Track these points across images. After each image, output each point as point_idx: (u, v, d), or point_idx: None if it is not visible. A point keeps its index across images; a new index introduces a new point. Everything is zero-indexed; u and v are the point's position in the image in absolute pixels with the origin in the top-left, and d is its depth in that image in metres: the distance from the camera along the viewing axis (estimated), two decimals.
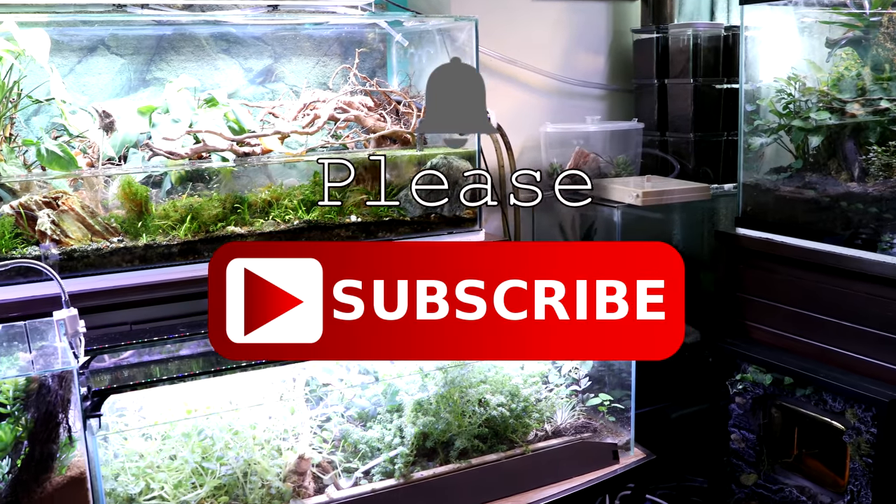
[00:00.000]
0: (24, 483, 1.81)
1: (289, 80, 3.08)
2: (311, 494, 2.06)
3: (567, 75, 3.55)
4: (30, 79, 2.56)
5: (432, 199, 2.78)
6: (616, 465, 2.43)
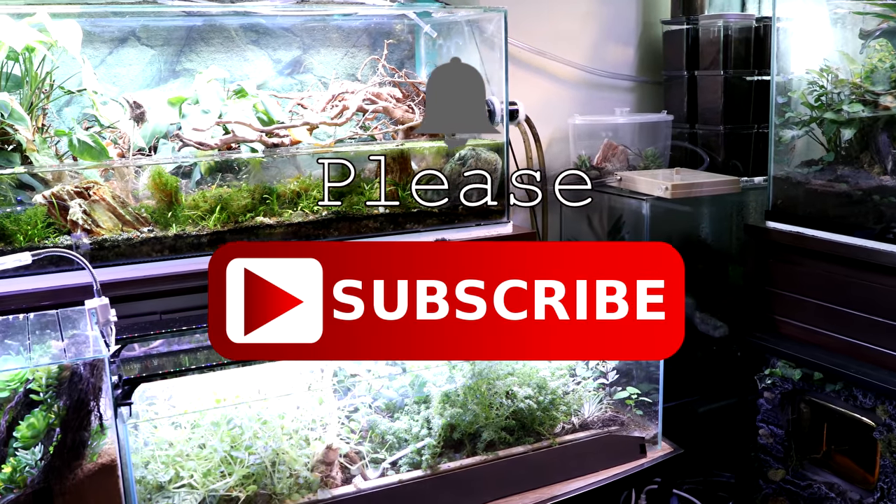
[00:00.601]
0: (56, 469, 1.83)
1: (317, 71, 3.09)
2: (338, 484, 2.06)
3: (596, 67, 3.53)
4: (62, 70, 2.58)
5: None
6: (643, 458, 2.42)
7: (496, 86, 2.89)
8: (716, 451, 3.30)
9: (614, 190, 3.24)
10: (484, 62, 2.96)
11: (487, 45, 2.94)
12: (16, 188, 2.41)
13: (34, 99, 2.51)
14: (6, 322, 2.08)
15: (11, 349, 1.91)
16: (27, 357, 1.87)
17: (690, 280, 3.23)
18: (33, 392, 1.82)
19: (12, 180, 2.39)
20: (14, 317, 2.12)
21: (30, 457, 1.83)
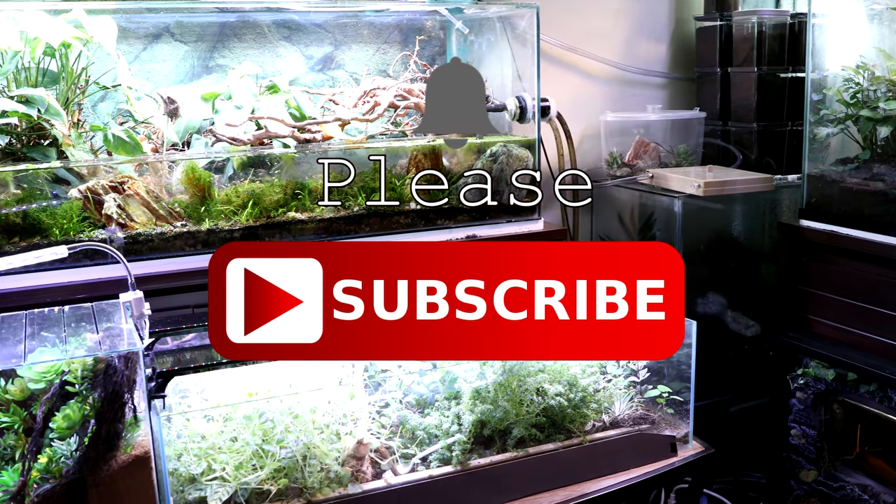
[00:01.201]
0: (91, 460, 1.85)
1: (349, 67, 3.10)
2: (368, 479, 2.07)
3: (628, 63, 3.52)
4: (97, 66, 2.61)
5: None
6: (674, 457, 2.40)
7: (528, 82, 2.88)
8: (746, 451, 3.27)
9: (646, 187, 3.22)
10: (515, 59, 2.96)
11: (519, 41, 2.93)
12: (52, 182, 2.43)
13: (70, 94, 2.54)
14: (42, 314, 2.10)
15: (48, 341, 1.93)
16: (63, 349, 1.89)
17: (722, 279, 3.23)
18: (69, 384, 1.84)
19: (48, 175, 2.42)
20: (49, 309, 2.14)
21: (65, 447, 1.85)
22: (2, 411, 1.82)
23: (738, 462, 3.32)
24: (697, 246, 3.18)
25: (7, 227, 2.32)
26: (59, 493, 1.84)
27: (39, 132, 2.44)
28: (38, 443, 1.83)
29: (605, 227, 3.46)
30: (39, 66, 2.50)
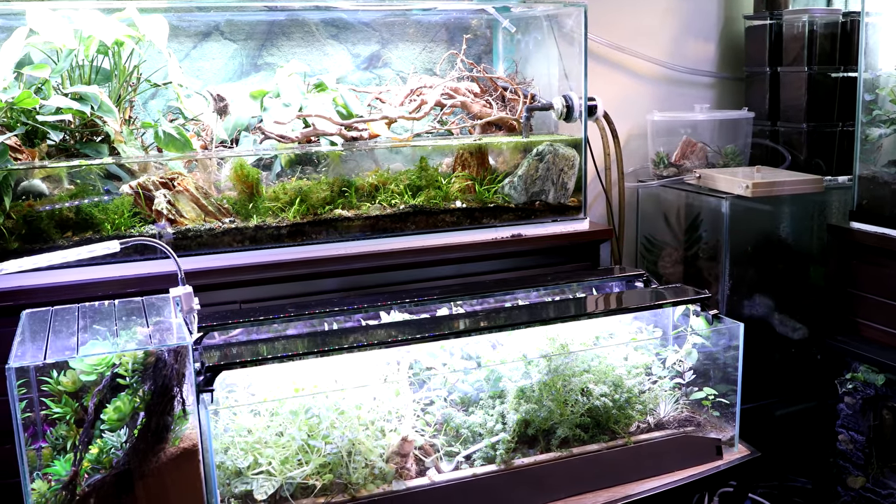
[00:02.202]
0: (140, 452, 1.88)
1: (395, 65, 3.10)
2: (412, 476, 2.07)
3: (676, 63, 3.49)
4: (148, 63, 2.64)
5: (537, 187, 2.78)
6: (719, 460, 2.38)
7: (575, 81, 2.87)
8: (792, 456, 3.23)
9: (692, 188, 3.19)
10: (562, 57, 2.95)
11: (566, 40, 2.92)
12: (104, 178, 2.47)
13: (122, 92, 2.58)
14: (93, 308, 2.13)
15: (99, 334, 1.96)
16: (114, 342, 1.92)
17: (769, 281, 3.20)
18: (120, 376, 1.86)
19: (101, 170, 2.46)
20: (100, 303, 2.18)
21: (115, 439, 1.88)
22: (54, 402, 1.85)
23: (783, 467, 3.28)
24: (745, 247, 3.14)
25: (60, 221, 2.36)
26: (108, 484, 1.86)
27: (92, 129, 2.48)
28: (89, 434, 1.86)
29: (650, 227, 3.43)
30: (93, 64, 2.54)
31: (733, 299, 3.14)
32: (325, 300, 2.47)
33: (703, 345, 2.43)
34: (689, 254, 3.30)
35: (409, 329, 2.18)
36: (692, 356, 2.44)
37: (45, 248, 2.29)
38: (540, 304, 2.52)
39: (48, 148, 2.44)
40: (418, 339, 2.12)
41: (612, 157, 3.27)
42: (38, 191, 2.38)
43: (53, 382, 1.84)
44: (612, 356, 2.37)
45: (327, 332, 2.29)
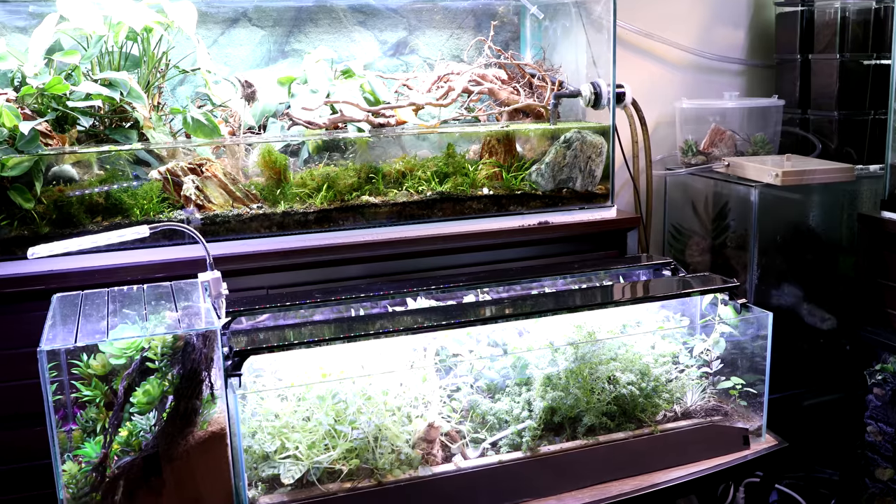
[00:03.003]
0: (169, 435, 1.89)
1: (423, 52, 3.10)
2: (438, 462, 2.08)
3: (705, 50, 3.45)
4: (177, 49, 2.65)
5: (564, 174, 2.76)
6: (746, 450, 2.36)
7: (603, 68, 2.85)
8: (820, 447, 3.21)
9: (721, 176, 3.17)
10: (590, 44, 2.92)
11: (594, 26, 2.90)
12: (133, 164, 2.49)
13: (151, 78, 2.59)
14: (122, 292, 2.15)
15: (129, 318, 1.97)
16: (143, 326, 1.93)
17: (798, 270, 3.17)
18: (149, 360, 1.88)
19: (130, 156, 2.47)
20: (129, 287, 2.19)
21: (144, 422, 1.89)
22: (84, 385, 1.87)
23: (810, 458, 3.26)
24: (773, 236, 3.11)
25: (90, 206, 2.38)
26: (138, 466, 1.88)
27: (121, 115, 2.49)
28: (118, 417, 1.87)
29: (678, 215, 3.41)
30: (122, 50, 2.55)
31: (761, 289, 3.11)
32: (352, 286, 2.48)
33: (730, 334, 2.42)
34: (716, 243, 3.27)
35: (435, 315, 2.18)
36: (720, 345, 2.42)
37: (76, 233, 2.31)
38: (567, 291, 2.51)
39: (78, 134, 2.46)
40: (445, 325, 2.12)
41: (640, 145, 3.25)
42: (68, 176, 2.40)
43: (83, 366, 1.86)
44: (639, 344, 2.36)
45: (354, 318, 2.30)
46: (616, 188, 2.95)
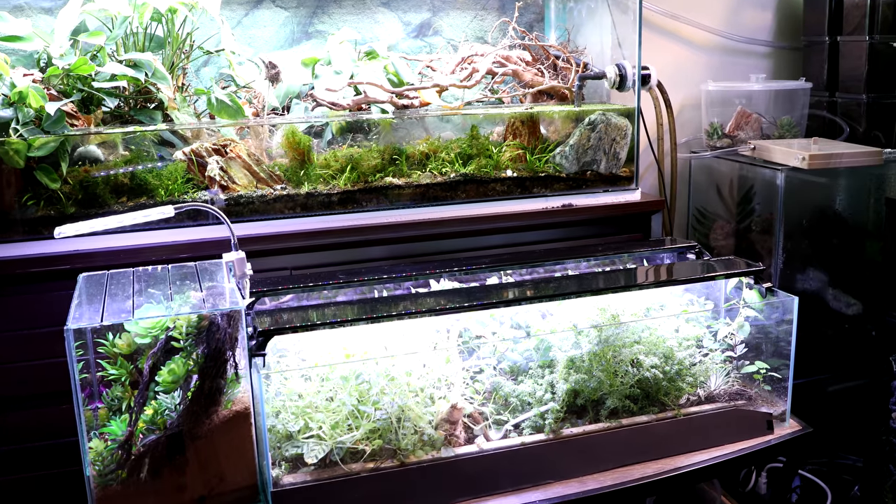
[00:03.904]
0: (193, 414, 1.91)
1: (446, 34, 3.09)
2: (461, 443, 2.08)
3: (731, 31, 3.42)
4: (201, 31, 2.65)
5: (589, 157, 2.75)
6: (770, 435, 2.35)
7: (628, 50, 2.83)
8: (844, 433, 3.19)
9: (746, 159, 3.14)
10: (616, 25, 2.90)
11: (619, 7, 2.87)
12: (157, 144, 2.50)
13: (175, 59, 2.59)
14: (147, 272, 2.16)
15: (154, 298, 1.98)
16: (168, 306, 1.94)
17: (824, 255, 3.14)
18: (174, 339, 1.89)
19: (154, 137, 2.48)
20: (154, 267, 2.21)
21: (169, 401, 1.91)
22: (110, 364, 1.88)
23: (834, 443, 3.24)
24: (799, 220, 3.09)
25: (115, 187, 2.40)
26: (163, 444, 1.90)
27: (146, 96, 2.50)
28: (144, 395, 1.89)
29: (702, 198, 3.38)
30: (147, 31, 2.56)
31: (786, 273, 3.09)
32: (375, 268, 2.48)
33: (755, 318, 2.40)
34: (741, 226, 3.25)
35: (458, 297, 2.18)
36: (744, 329, 2.41)
37: (101, 213, 2.32)
38: (590, 274, 2.50)
39: (103, 114, 2.47)
40: (468, 307, 2.11)
41: (665, 128, 3.23)
42: (93, 157, 2.41)
43: (109, 345, 1.87)
44: (663, 328, 2.35)
45: (377, 300, 2.30)
46: (640, 171, 2.94)
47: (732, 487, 3.04)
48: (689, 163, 3.39)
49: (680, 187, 3.33)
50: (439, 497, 2.02)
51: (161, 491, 1.91)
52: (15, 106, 2.27)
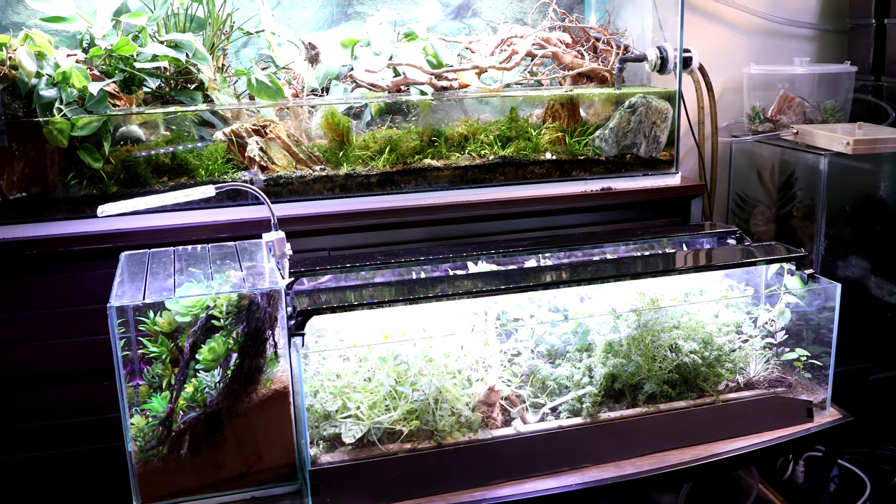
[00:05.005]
0: (233, 392, 1.92)
1: (485, 15, 3.07)
2: (498, 426, 2.08)
3: (774, 14, 3.36)
4: (241, 12, 2.66)
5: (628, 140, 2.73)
6: (810, 423, 2.32)
7: (670, 32, 2.79)
8: (884, 423, 3.14)
9: (789, 144, 3.09)
10: (657, 7, 2.87)
11: None
12: (198, 125, 2.51)
13: (216, 40, 2.60)
14: (188, 252, 2.18)
15: (194, 277, 2.00)
16: (208, 285, 1.96)
17: (867, 242, 3.09)
18: (214, 318, 1.90)
19: (195, 117, 2.49)
20: (194, 247, 2.22)
21: (210, 379, 1.93)
22: (150, 342, 1.90)
23: (873, 433, 3.19)
24: (842, 207, 3.04)
25: (157, 166, 2.41)
26: (203, 422, 1.92)
27: (187, 76, 2.51)
28: (184, 373, 1.91)
29: (743, 183, 3.34)
30: (187, 12, 2.57)
31: (828, 260, 3.05)
32: (413, 249, 2.48)
33: (796, 304, 2.37)
34: (782, 212, 3.20)
35: (496, 280, 2.17)
36: (785, 316, 2.38)
37: (142, 193, 2.34)
38: (629, 258, 2.48)
39: (144, 95, 2.48)
40: (506, 289, 2.11)
41: (706, 111, 3.19)
42: (135, 136, 2.43)
43: (150, 323, 1.89)
44: (702, 313, 2.33)
45: (415, 281, 2.30)
46: (680, 155, 2.90)
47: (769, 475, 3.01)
48: (730, 147, 3.35)
49: (720, 172, 3.29)
50: (475, 479, 2.03)
51: (201, 467, 1.93)
52: (59, 86, 2.29)
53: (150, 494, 1.92)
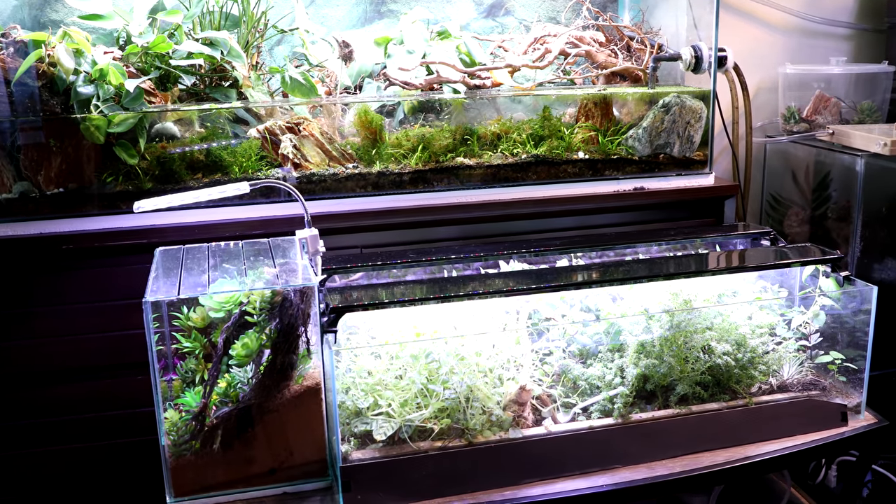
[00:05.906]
0: (266, 388, 1.93)
1: (518, 14, 3.06)
2: (529, 425, 2.07)
3: (811, 13, 3.33)
4: (275, 10, 2.68)
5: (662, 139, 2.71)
6: (844, 427, 2.30)
7: (704, 31, 2.77)
8: None
9: (824, 144, 3.06)
10: (692, 6, 2.85)
11: None
12: (232, 122, 2.53)
13: (250, 38, 2.62)
14: (221, 248, 2.20)
15: (228, 273, 2.01)
16: (241, 281, 1.97)
17: None
18: (248, 314, 1.92)
19: (229, 114, 2.51)
20: (226, 243, 2.24)
21: (242, 375, 1.94)
22: (184, 337, 1.92)
23: None
24: (878, 208, 3.00)
25: (191, 163, 2.43)
26: (235, 417, 1.93)
27: (221, 74, 2.53)
28: (217, 368, 1.92)
29: (777, 184, 3.31)
30: (222, 10, 2.58)
31: (863, 262, 3.01)
32: (445, 247, 2.48)
33: (831, 307, 2.34)
34: (816, 213, 3.17)
35: (528, 279, 2.17)
36: (819, 318, 2.35)
37: (177, 189, 2.36)
38: (661, 258, 2.47)
39: (180, 92, 2.50)
40: (538, 289, 2.10)
41: (741, 111, 3.16)
42: (170, 133, 2.45)
43: (184, 318, 1.90)
44: (736, 314, 2.31)
45: (446, 279, 2.30)
46: (714, 155, 2.88)
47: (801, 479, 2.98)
48: (765, 147, 3.32)
49: (754, 172, 3.26)
50: (506, 478, 2.02)
51: (233, 462, 1.95)
52: (96, 83, 2.31)
53: (183, 488, 1.94)
